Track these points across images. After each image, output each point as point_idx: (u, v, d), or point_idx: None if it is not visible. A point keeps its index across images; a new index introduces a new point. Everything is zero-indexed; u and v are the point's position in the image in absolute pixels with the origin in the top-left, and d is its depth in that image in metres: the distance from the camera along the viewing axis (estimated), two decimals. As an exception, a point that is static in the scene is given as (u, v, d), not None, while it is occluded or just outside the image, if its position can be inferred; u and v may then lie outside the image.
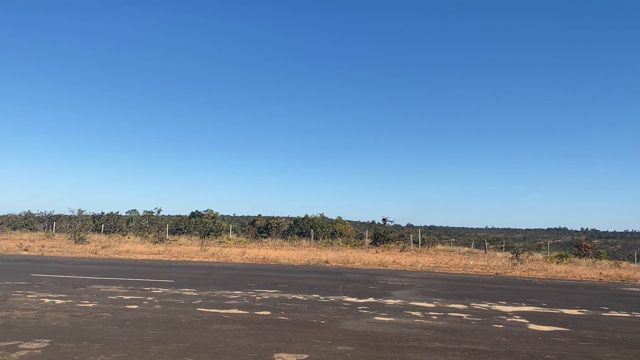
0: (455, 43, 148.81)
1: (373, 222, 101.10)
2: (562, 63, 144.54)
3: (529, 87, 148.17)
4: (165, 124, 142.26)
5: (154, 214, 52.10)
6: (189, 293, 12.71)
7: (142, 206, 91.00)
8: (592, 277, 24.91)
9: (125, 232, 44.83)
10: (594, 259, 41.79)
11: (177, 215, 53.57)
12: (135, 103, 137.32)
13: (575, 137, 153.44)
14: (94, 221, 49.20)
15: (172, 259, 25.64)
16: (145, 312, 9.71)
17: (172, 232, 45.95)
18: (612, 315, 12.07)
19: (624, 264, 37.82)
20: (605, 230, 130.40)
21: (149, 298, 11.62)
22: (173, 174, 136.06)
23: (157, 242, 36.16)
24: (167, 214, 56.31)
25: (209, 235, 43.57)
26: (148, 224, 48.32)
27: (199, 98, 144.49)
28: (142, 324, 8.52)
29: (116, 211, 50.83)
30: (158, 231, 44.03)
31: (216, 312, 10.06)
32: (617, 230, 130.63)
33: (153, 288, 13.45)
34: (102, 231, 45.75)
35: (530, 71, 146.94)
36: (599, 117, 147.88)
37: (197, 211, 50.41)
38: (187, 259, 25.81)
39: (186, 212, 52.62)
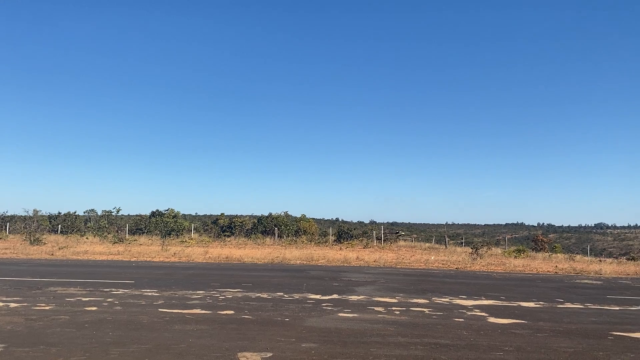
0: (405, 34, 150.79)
1: (337, 219, 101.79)
2: (518, 54, 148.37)
3: (487, 80, 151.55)
4: (122, 121, 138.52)
5: (113, 214, 50.96)
6: (150, 294, 12.50)
7: (101, 206, 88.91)
8: (548, 271, 25.73)
9: (83, 233, 43.69)
10: (550, 253, 43.19)
11: (137, 215, 52.48)
12: (89, 99, 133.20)
13: (530, 134, 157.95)
14: (50, 221, 47.71)
15: (132, 260, 25.13)
16: (105, 314, 9.49)
17: (132, 232, 45.00)
18: (566, 307, 12.51)
19: (578, 257, 39.23)
20: (561, 225, 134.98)
21: (109, 299, 11.37)
22: (132, 172, 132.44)
23: (116, 243, 35.38)
24: (126, 214, 55.12)
25: (170, 234, 42.89)
26: (107, 224, 47.20)
27: (156, 95, 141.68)
28: (102, 326, 8.33)
29: (73, 211, 49.50)
30: (117, 231, 43.03)
31: (178, 312, 9.93)
32: (571, 225, 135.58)
33: (113, 289, 13.16)
34: (59, 232, 44.42)
35: (491, 62, 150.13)
36: (553, 113, 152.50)
37: (157, 210, 49.53)
38: (148, 259, 25.34)
39: (146, 212, 51.64)
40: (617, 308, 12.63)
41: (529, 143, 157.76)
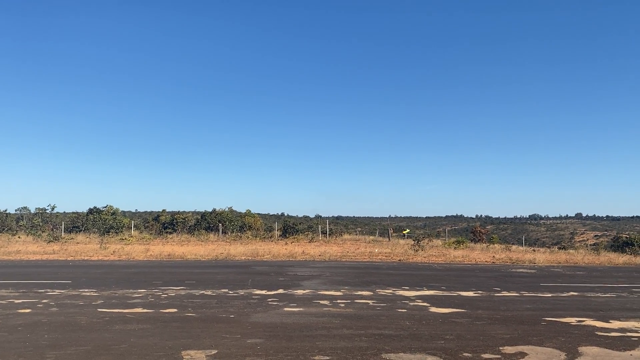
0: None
1: (282, 214, 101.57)
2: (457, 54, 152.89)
3: (426, 80, 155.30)
4: (54, 114, 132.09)
5: (48, 212, 48.64)
6: (88, 293, 12.05)
7: (34, 203, 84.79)
8: (486, 261, 26.73)
9: (15, 232, 41.46)
10: (488, 244, 44.85)
11: (73, 213, 50.40)
12: (26, 90, 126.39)
13: (467, 129, 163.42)
14: (-22, 221, 45.03)
15: (69, 259, 24.12)
16: (40, 316, 9.08)
17: (69, 230, 43.17)
18: (503, 295, 13.05)
19: (514, 247, 40.97)
20: (497, 216, 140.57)
21: (44, 300, 10.87)
22: (68, 168, 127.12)
23: (51, 241, 33.81)
24: (62, 211, 52.79)
25: (109, 232, 41.46)
26: (41, 222, 45.03)
27: (91, 89, 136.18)
28: (37, 329, 7.96)
29: (4, 209, 46.90)
30: (52, 229, 41.16)
31: (119, 312, 9.63)
32: (507, 217, 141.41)
33: (48, 290, 12.60)
34: (-13, 231, 41.99)
35: (429, 62, 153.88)
36: (488, 109, 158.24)
37: (95, 207, 47.70)
38: (86, 258, 24.41)
39: (83, 209, 49.68)
40: (550, 295, 13.30)
41: (467, 139, 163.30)
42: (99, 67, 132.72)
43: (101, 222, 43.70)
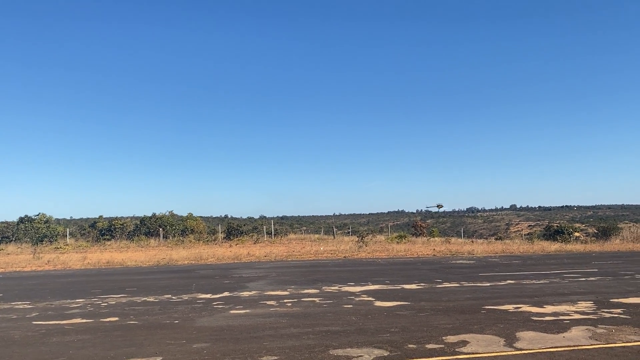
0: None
1: (226, 216, 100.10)
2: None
3: (368, 81, 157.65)
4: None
5: (-27, 222, 45.84)
6: (22, 306, 11.44)
7: (-42, 214, 79.59)
8: (427, 254, 27.47)
9: None
10: (429, 237, 46.14)
11: (2, 222, 47.68)
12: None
13: (404, 127, 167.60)
14: None
15: (-1, 271, 22.83)
16: (-32, 334, 8.53)
17: (-2, 241, 40.89)
18: (445, 287, 13.45)
19: (453, 239, 42.35)
20: (436, 210, 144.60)
21: (-28, 317, 10.23)
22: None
23: (-21, 254, 31.91)
24: (-12, 221, 49.84)
25: (42, 241, 39.59)
26: (-33, 234, 42.38)
27: (22, 92, 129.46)
28: (-35, 347, 7.48)
29: None
30: (-22, 241, 38.78)
31: (56, 323, 9.21)
32: (446, 210, 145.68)
33: (-24, 305, 11.86)
34: None
35: (360, 65, 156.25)
36: (420, 105, 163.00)
37: (27, 216, 45.32)
38: (18, 270, 23.17)
39: (14, 218, 47.11)
40: (488, 284, 13.83)
41: (407, 135, 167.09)
42: (24, 64, 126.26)
43: (33, 231, 41.63)
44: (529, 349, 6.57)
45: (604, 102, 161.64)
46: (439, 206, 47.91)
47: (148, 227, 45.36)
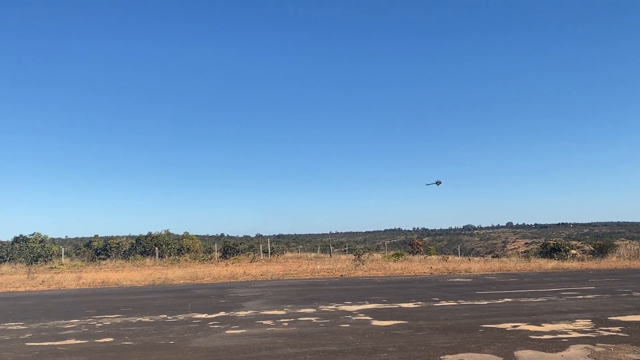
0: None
1: (222, 234, 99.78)
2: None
3: (362, 100, 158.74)
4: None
5: (-34, 242, 45.49)
6: (15, 327, 11.30)
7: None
8: (424, 272, 27.36)
9: None
10: (425, 255, 46.07)
11: (-4, 242, 47.33)
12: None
13: (399, 145, 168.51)
14: None
15: (-8, 292, 22.60)
16: (-40, 356, 8.42)
17: (-8, 261, 40.53)
18: (442, 305, 13.38)
19: (450, 257, 42.24)
20: (433, 228, 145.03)
21: (-36, 339, 10.10)
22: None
23: (-28, 274, 31.61)
24: (-17, 241, 49.48)
25: (37, 261, 39.30)
26: (-41, 254, 42.03)
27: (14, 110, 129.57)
28: (-44, 370, 7.38)
29: None
30: (-28, 261, 38.42)
31: (50, 344, 9.09)
32: (442, 228, 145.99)
33: (-31, 327, 11.72)
34: None
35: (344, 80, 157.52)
36: (425, 126, 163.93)
37: (21, 235, 45.05)
38: (12, 290, 22.93)
39: (8, 237, 46.79)
40: (486, 302, 13.77)
41: (404, 153, 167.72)
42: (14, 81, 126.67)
43: (28, 250, 41.36)
44: (528, 368, 6.52)
45: (599, 119, 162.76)
46: (437, 183, 47.72)
47: (144, 246, 45.14)
